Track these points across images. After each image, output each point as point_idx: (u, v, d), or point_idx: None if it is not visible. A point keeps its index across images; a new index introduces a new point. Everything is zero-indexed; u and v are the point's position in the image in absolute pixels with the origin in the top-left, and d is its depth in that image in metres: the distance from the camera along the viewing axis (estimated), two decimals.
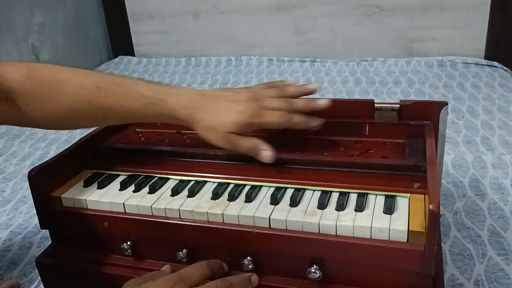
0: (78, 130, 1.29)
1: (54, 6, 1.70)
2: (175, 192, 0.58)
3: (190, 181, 0.60)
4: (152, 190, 0.59)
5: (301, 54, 1.75)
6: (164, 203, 0.56)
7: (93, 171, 0.65)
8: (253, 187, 0.57)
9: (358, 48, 1.69)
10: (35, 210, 0.60)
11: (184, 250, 0.55)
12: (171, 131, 0.73)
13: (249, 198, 0.55)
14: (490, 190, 0.87)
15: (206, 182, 0.60)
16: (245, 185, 0.58)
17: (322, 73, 1.60)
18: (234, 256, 0.54)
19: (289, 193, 0.55)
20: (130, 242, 0.58)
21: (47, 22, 1.66)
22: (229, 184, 0.58)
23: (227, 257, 0.54)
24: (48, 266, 0.62)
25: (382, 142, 0.63)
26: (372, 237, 0.48)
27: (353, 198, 0.53)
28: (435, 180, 0.48)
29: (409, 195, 0.53)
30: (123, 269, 0.59)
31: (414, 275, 0.48)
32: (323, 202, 0.52)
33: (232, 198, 0.55)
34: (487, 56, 1.58)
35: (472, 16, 1.55)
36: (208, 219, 0.54)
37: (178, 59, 1.84)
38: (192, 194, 0.57)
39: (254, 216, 0.52)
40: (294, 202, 0.53)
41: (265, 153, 0.57)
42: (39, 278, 0.65)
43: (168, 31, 1.88)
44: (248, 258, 0.53)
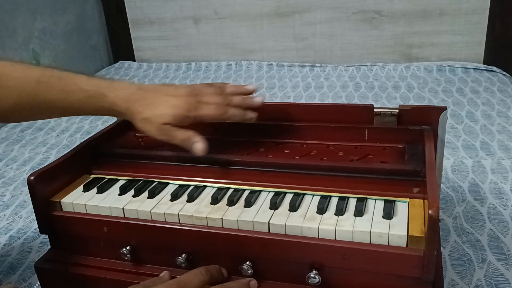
0: (78, 134, 1.29)
1: (55, 12, 1.70)
2: (175, 197, 0.58)
3: (189, 186, 0.60)
4: (151, 195, 0.59)
5: (300, 59, 1.76)
6: (163, 208, 0.56)
7: (92, 176, 0.65)
8: (252, 192, 0.57)
9: (358, 53, 1.70)
10: (35, 215, 0.60)
11: (183, 255, 0.55)
12: None
13: (248, 203, 0.55)
14: (489, 195, 0.87)
15: (205, 187, 0.60)
16: (244, 190, 0.58)
17: (322, 78, 1.60)
18: (233, 261, 0.54)
19: (288, 198, 0.55)
20: (129, 247, 0.58)
21: (48, 27, 1.67)
22: (228, 189, 0.59)
23: (227, 262, 0.54)
24: (47, 271, 0.61)
25: (381, 147, 0.63)
26: (371, 242, 0.48)
27: (352, 203, 0.53)
28: (435, 185, 0.48)
29: (408, 200, 0.53)
30: (122, 274, 0.58)
31: (414, 281, 0.48)
32: (323, 207, 0.52)
33: (231, 203, 0.55)
34: (486, 61, 1.59)
35: (471, 21, 1.56)
36: (207, 224, 0.54)
37: (179, 64, 1.85)
38: (191, 199, 0.57)
39: (253, 221, 0.52)
40: (294, 207, 0.53)
41: (197, 144, 0.58)
42: (38, 283, 0.65)
43: (168, 37, 1.89)
44: (247, 263, 0.53)
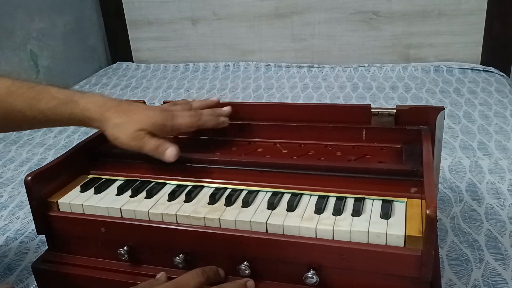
0: (76, 135, 1.29)
1: (53, 13, 1.70)
2: (172, 197, 0.58)
3: (187, 186, 0.60)
4: (149, 195, 0.59)
5: (298, 60, 1.76)
6: (161, 208, 0.56)
7: (90, 176, 0.65)
8: (250, 192, 0.57)
9: (355, 54, 1.70)
10: (32, 216, 0.60)
11: (181, 255, 0.55)
12: (169, 136, 0.73)
13: (246, 203, 0.55)
14: (487, 195, 0.87)
15: (203, 187, 0.60)
16: (242, 190, 0.58)
17: (320, 78, 1.60)
18: (231, 261, 0.54)
19: (286, 198, 0.55)
20: (127, 247, 0.58)
21: (46, 28, 1.66)
22: (226, 189, 0.59)
23: (224, 262, 0.54)
24: (44, 271, 0.61)
25: (379, 147, 0.63)
26: (369, 242, 0.49)
27: (350, 203, 0.53)
28: (432, 185, 0.48)
29: (406, 200, 0.53)
30: (120, 274, 0.58)
31: (411, 280, 0.48)
32: (320, 207, 0.52)
33: (229, 203, 0.55)
34: (484, 61, 1.59)
35: (469, 22, 1.56)
36: (205, 224, 0.54)
37: (177, 65, 1.85)
38: (189, 199, 0.57)
39: (251, 221, 0.52)
40: (291, 207, 0.53)
41: (168, 150, 0.57)
42: (35, 284, 0.65)
43: (166, 37, 1.88)
44: (245, 263, 0.53)
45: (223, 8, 1.77)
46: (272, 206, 0.54)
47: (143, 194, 0.59)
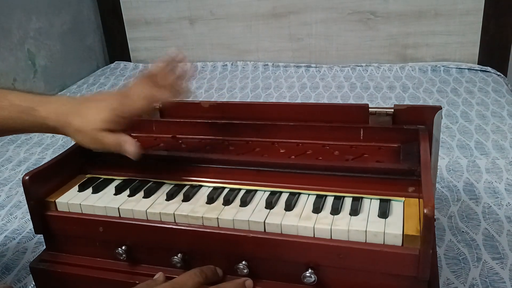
0: None
1: (51, 12, 1.69)
2: (170, 196, 0.58)
3: (185, 185, 0.60)
4: (147, 195, 0.59)
5: (296, 59, 1.76)
6: (159, 208, 0.56)
7: (88, 176, 0.65)
8: (248, 192, 0.57)
9: (353, 53, 1.70)
10: (30, 215, 0.60)
11: (179, 255, 0.55)
12: (167, 136, 0.73)
13: (244, 203, 0.55)
14: (484, 194, 0.87)
15: (201, 186, 0.60)
16: (240, 189, 0.58)
17: (317, 78, 1.60)
18: (229, 260, 0.54)
19: (284, 197, 0.55)
20: (125, 247, 0.58)
21: (44, 27, 1.66)
22: (224, 188, 0.59)
23: (222, 261, 0.54)
24: (42, 271, 0.61)
25: (376, 147, 0.63)
26: (367, 241, 0.49)
27: (347, 202, 0.53)
28: (430, 184, 0.48)
29: (403, 199, 0.53)
30: (118, 274, 0.58)
31: (409, 280, 0.48)
32: (318, 206, 0.52)
33: (227, 202, 0.55)
34: (481, 61, 1.59)
35: (465, 22, 1.57)
36: (203, 224, 0.54)
37: None
38: (187, 198, 0.57)
39: (249, 220, 0.52)
40: (289, 206, 0.53)
41: (127, 146, 0.56)
42: (33, 284, 0.64)
43: (164, 37, 1.88)
44: (243, 262, 0.53)
45: (221, 7, 1.76)
46: (270, 205, 0.54)
47: (141, 193, 0.59)
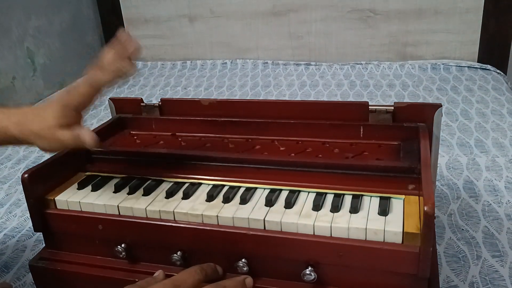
0: None
1: (50, 10, 1.69)
2: (170, 194, 0.58)
3: (184, 183, 0.60)
4: (146, 193, 0.59)
5: (296, 57, 1.76)
6: (158, 206, 0.56)
7: (87, 174, 0.65)
8: (248, 189, 0.57)
9: (353, 51, 1.70)
10: (29, 213, 0.60)
11: (178, 253, 0.55)
12: (166, 134, 0.73)
13: (243, 200, 0.55)
14: (484, 192, 0.87)
15: (200, 184, 0.60)
16: (239, 187, 0.58)
17: (317, 76, 1.60)
18: (229, 258, 0.54)
19: (284, 195, 0.55)
20: (124, 245, 0.57)
21: (43, 26, 1.66)
22: (223, 186, 0.58)
23: (222, 259, 0.54)
24: (41, 269, 0.61)
25: (376, 144, 0.63)
26: (367, 239, 0.49)
27: (347, 200, 0.53)
28: (430, 182, 0.48)
29: (403, 197, 0.53)
30: (118, 272, 0.58)
31: (409, 277, 0.48)
32: (318, 204, 0.52)
33: (226, 200, 0.55)
34: (481, 59, 1.59)
35: (465, 20, 1.56)
36: (202, 221, 0.54)
37: (174, 63, 1.84)
38: (186, 196, 0.57)
39: (248, 218, 0.52)
40: (289, 204, 0.53)
41: (84, 137, 0.54)
42: (33, 282, 0.64)
43: (163, 35, 1.88)
44: (243, 260, 0.53)
45: (220, 5, 1.76)
46: (270, 203, 0.54)
47: (141, 191, 0.59)
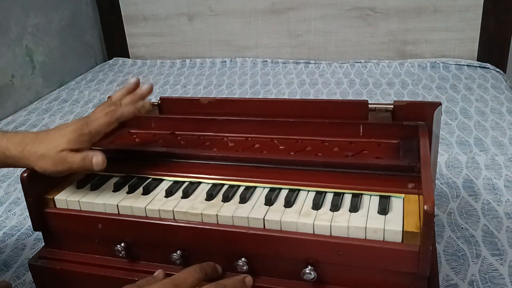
0: None
1: (49, 8, 1.69)
2: (169, 193, 0.58)
3: (184, 182, 0.60)
4: (146, 192, 0.58)
5: (295, 56, 1.75)
6: (158, 204, 0.56)
7: (86, 173, 0.65)
8: (247, 188, 0.57)
9: (352, 50, 1.70)
10: (28, 212, 0.59)
11: (178, 252, 0.55)
12: (166, 132, 0.72)
13: (243, 199, 0.55)
14: (483, 191, 0.87)
15: (200, 183, 0.60)
16: (239, 186, 0.58)
17: (316, 74, 1.60)
18: (228, 257, 0.54)
19: (283, 194, 0.55)
20: (124, 244, 0.57)
21: (42, 23, 1.65)
22: (223, 185, 0.58)
23: (222, 258, 0.54)
24: (41, 268, 0.61)
25: (376, 143, 0.63)
26: (366, 237, 0.49)
27: (347, 199, 0.53)
28: (429, 180, 0.48)
29: (403, 196, 0.53)
30: (117, 271, 0.58)
31: (409, 276, 0.48)
32: (318, 203, 0.52)
33: (226, 199, 0.55)
34: (480, 58, 1.59)
35: (465, 18, 1.56)
36: (202, 220, 0.54)
37: (173, 61, 1.84)
38: (186, 195, 0.57)
39: (248, 217, 0.52)
40: (289, 203, 0.53)
41: (95, 158, 0.56)
42: (32, 280, 0.64)
43: (163, 33, 1.88)
44: (242, 259, 0.53)
45: (219, 3, 1.76)
46: (269, 202, 0.54)
47: (140, 190, 0.59)
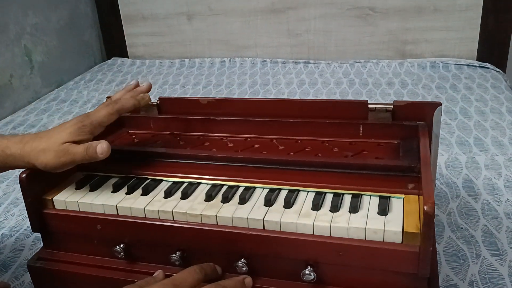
0: None
1: (48, 8, 1.68)
2: (168, 194, 0.57)
3: (183, 182, 0.60)
4: (145, 192, 0.58)
5: (294, 55, 1.75)
6: (157, 205, 0.56)
7: (85, 173, 0.64)
8: (247, 189, 0.57)
9: (352, 50, 1.69)
10: (27, 213, 0.59)
11: (177, 253, 0.55)
12: (165, 133, 0.72)
13: (243, 200, 0.54)
14: (483, 191, 0.87)
15: (199, 183, 0.59)
16: (239, 186, 0.58)
17: (316, 74, 1.60)
18: (228, 258, 0.53)
19: (283, 194, 0.55)
20: (123, 245, 0.57)
21: (40, 23, 1.65)
22: (222, 185, 0.58)
23: (221, 259, 0.54)
24: (39, 269, 0.61)
25: (376, 143, 0.63)
26: (366, 238, 0.48)
27: (347, 199, 0.53)
28: (429, 180, 0.48)
29: (403, 196, 0.53)
30: (116, 272, 0.58)
31: (409, 277, 0.48)
32: (317, 204, 0.52)
33: (225, 199, 0.55)
34: (480, 57, 1.59)
35: (464, 18, 1.56)
36: (201, 221, 0.54)
37: (172, 61, 1.84)
38: (185, 196, 0.57)
39: (248, 217, 0.52)
40: (288, 203, 0.53)
41: (99, 146, 0.56)
42: (31, 281, 0.64)
43: (162, 33, 1.87)
44: (242, 260, 0.53)
45: (219, 3, 1.76)
46: (269, 202, 0.53)
47: (139, 191, 0.59)
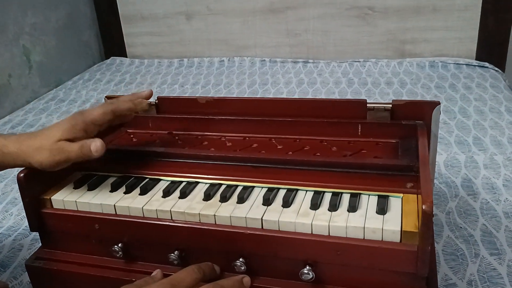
0: None
1: (46, 7, 1.68)
2: (167, 193, 0.57)
3: (181, 182, 0.60)
4: (143, 192, 0.58)
5: (293, 55, 1.75)
6: (155, 205, 0.55)
7: (83, 173, 0.64)
8: (245, 188, 0.57)
9: (351, 49, 1.69)
10: (25, 212, 0.59)
11: (176, 252, 0.55)
12: (163, 132, 0.72)
13: (241, 199, 0.54)
14: (482, 190, 0.87)
15: (198, 183, 0.59)
16: (237, 186, 0.58)
17: (315, 74, 1.60)
18: (226, 257, 0.53)
19: (281, 193, 0.55)
20: (121, 244, 0.57)
21: (39, 23, 1.65)
22: (221, 185, 0.58)
23: (220, 258, 0.54)
24: (38, 269, 0.61)
25: (374, 142, 0.63)
26: (365, 237, 0.48)
27: (345, 199, 0.53)
28: (428, 180, 0.48)
29: (402, 195, 0.53)
30: (114, 271, 0.58)
31: (408, 276, 0.48)
32: (316, 203, 0.52)
33: (224, 199, 0.55)
34: (479, 57, 1.59)
35: (463, 17, 1.56)
36: (200, 221, 0.53)
37: (171, 60, 1.84)
38: (183, 195, 0.57)
39: (246, 217, 0.52)
40: (287, 202, 0.53)
41: (93, 144, 0.56)
42: (29, 281, 0.64)
43: (160, 32, 1.87)
44: (240, 259, 0.52)
45: (218, 3, 1.76)
46: (267, 202, 0.53)
47: (137, 190, 0.59)
